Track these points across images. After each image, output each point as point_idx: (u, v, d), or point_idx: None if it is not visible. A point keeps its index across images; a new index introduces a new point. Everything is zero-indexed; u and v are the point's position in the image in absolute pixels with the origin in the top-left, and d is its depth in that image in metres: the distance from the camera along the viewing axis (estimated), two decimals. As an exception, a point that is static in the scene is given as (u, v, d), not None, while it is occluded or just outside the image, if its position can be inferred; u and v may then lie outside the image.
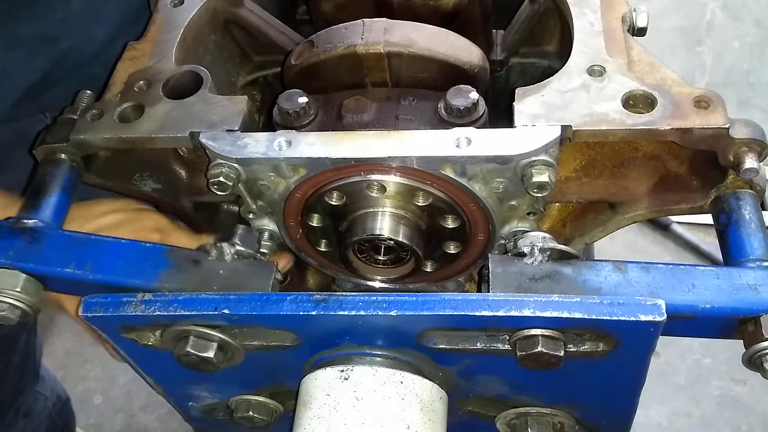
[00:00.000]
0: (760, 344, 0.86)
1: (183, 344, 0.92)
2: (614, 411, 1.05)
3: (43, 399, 2.03)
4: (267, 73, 1.32)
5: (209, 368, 0.94)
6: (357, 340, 0.93)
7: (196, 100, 1.06)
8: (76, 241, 1.04)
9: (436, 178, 0.97)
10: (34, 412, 1.99)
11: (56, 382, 2.17)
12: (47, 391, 2.06)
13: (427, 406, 0.94)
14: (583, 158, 1.07)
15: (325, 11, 1.23)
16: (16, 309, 1.01)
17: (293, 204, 1.04)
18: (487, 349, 0.91)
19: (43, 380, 2.04)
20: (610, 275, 0.91)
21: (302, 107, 1.03)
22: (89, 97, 1.19)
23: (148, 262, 1.01)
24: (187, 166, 1.18)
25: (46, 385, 2.06)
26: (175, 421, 2.67)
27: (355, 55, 1.05)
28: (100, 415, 2.82)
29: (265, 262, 1.02)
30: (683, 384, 2.72)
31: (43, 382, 2.04)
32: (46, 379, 2.07)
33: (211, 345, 0.93)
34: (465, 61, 1.07)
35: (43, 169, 1.11)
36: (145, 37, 1.21)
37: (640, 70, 1.02)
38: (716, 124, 0.93)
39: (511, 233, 1.04)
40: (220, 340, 0.93)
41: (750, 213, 0.96)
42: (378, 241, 1.03)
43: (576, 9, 1.10)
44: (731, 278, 0.89)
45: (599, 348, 0.88)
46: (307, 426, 0.92)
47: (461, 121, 0.99)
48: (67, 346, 3.00)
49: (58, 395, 2.14)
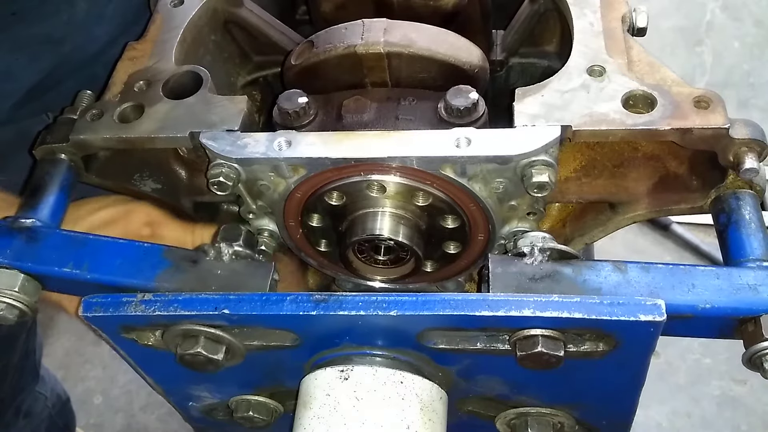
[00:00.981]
0: (760, 344, 0.86)
1: (190, 343, 0.92)
2: (614, 411, 1.05)
3: (43, 399, 2.03)
4: (267, 73, 1.32)
5: (210, 369, 0.95)
6: (357, 340, 0.93)
7: (196, 100, 1.06)
8: (74, 240, 1.04)
9: (436, 178, 0.97)
10: (33, 412, 1.99)
11: (56, 382, 2.17)
12: (47, 391, 2.06)
13: (427, 406, 0.94)
14: (583, 158, 1.07)
15: (324, 11, 1.23)
16: (14, 309, 1.01)
17: (293, 204, 1.04)
18: (487, 349, 0.91)
19: (43, 380, 2.04)
20: (610, 275, 0.91)
21: (302, 107, 1.03)
22: (89, 97, 1.19)
23: (145, 262, 1.01)
24: (187, 166, 1.18)
25: (46, 385, 2.06)
26: (175, 421, 2.67)
27: (355, 55, 1.05)
28: (100, 415, 2.82)
29: (263, 263, 1.02)
30: (683, 384, 2.72)
31: (43, 382, 2.04)
32: (46, 379, 2.07)
33: (220, 347, 0.93)
34: (465, 61, 1.07)
35: (42, 169, 1.11)
36: (145, 37, 1.21)
37: (640, 70, 1.02)
38: (716, 125, 0.93)
39: (511, 233, 1.04)
40: (228, 342, 0.93)
41: (750, 213, 0.96)
42: (378, 241, 1.03)
43: (576, 9, 1.10)
44: (731, 278, 0.89)
45: (599, 348, 0.88)
46: (307, 426, 0.92)
47: (461, 121, 0.99)
48: (67, 346, 3.00)
49: (58, 395, 2.14)
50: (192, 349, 0.92)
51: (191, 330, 0.91)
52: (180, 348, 0.93)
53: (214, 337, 0.93)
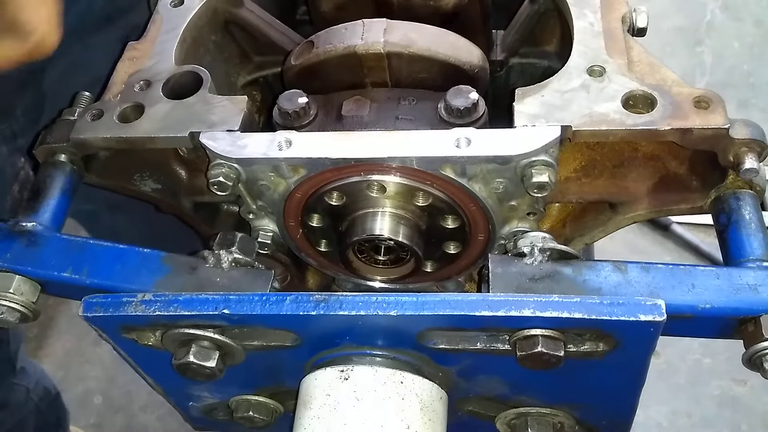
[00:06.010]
0: (760, 344, 0.86)
1: (182, 352, 0.92)
2: (614, 411, 1.05)
3: (24, 390, 2.00)
4: (267, 74, 1.32)
5: (204, 378, 0.95)
6: (357, 340, 0.93)
7: (196, 100, 1.06)
8: (73, 245, 1.05)
9: (436, 178, 0.97)
10: (12, 404, 1.96)
11: (43, 376, 2.14)
12: (30, 384, 2.02)
13: (427, 406, 0.94)
14: (583, 158, 1.07)
15: (324, 11, 1.23)
16: (15, 312, 1.01)
17: (293, 204, 1.04)
18: (487, 349, 0.91)
19: (24, 372, 2.00)
20: (610, 275, 0.91)
21: (302, 107, 1.03)
22: (87, 98, 1.19)
23: (145, 267, 1.01)
24: (187, 166, 1.18)
25: (29, 378, 2.02)
26: (175, 421, 2.65)
27: (355, 55, 1.05)
28: (100, 415, 2.82)
29: (263, 270, 1.02)
30: (683, 384, 2.71)
31: (25, 374, 2.00)
32: (29, 371, 2.03)
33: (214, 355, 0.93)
34: (465, 62, 1.07)
35: (44, 172, 1.11)
36: (145, 37, 1.21)
37: (640, 70, 1.02)
38: (716, 125, 0.93)
39: (511, 233, 1.04)
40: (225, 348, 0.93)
41: (750, 213, 0.96)
42: (378, 241, 1.03)
43: (576, 9, 1.10)
44: (731, 278, 0.89)
45: (599, 348, 0.88)
46: (307, 426, 0.92)
47: (461, 122, 0.99)
48: (67, 346, 2.99)
49: (45, 389, 2.11)
50: (184, 358, 0.92)
51: (188, 334, 0.91)
52: (175, 358, 0.93)
53: (209, 345, 0.92)
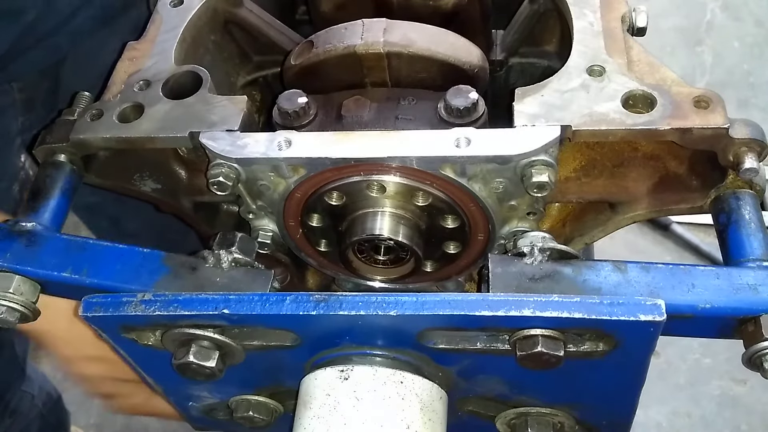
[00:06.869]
0: (760, 344, 0.86)
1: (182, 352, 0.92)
2: (614, 411, 1.05)
3: (30, 398, 2.01)
4: (267, 73, 1.32)
5: (204, 379, 0.95)
6: (357, 340, 0.93)
7: (196, 100, 1.06)
8: (73, 245, 1.04)
9: (436, 178, 0.97)
10: (20, 411, 1.96)
11: (45, 380, 2.15)
12: (34, 390, 2.03)
13: (427, 406, 0.94)
14: (582, 158, 1.07)
15: (324, 11, 1.23)
16: (15, 312, 1.01)
17: (293, 204, 1.04)
18: (487, 349, 0.91)
19: (29, 379, 2.01)
20: (610, 275, 0.91)
21: (302, 107, 1.03)
22: (87, 98, 1.19)
23: (144, 267, 1.01)
24: (187, 166, 1.18)
25: (33, 384, 2.04)
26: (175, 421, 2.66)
27: (355, 55, 1.05)
28: (100, 415, 2.81)
29: (262, 270, 1.02)
30: (683, 384, 2.71)
31: (30, 381, 2.02)
32: (32, 377, 2.04)
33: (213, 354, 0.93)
34: (465, 61, 1.07)
35: (44, 172, 1.11)
36: (145, 37, 1.21)
37: (640, 70, 1.02)
38: (716, 124, 0.93)
39: (511, 233, 1.04)
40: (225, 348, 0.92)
41: (750, 213, 0.96)
42: (378, 241, 1.03)
43: (575, 9, 1.10)
44: (731, 278, 0.89)
45: (599, 348, 0.88)
46: (307, 426, 0.92)
47: (461, 121, 0.99)
48: (67, 346, 2.99)
49: (48, 393, 2.11)
50: (184, 358, 0.92)
51: (188, 334, 0.91)
52: (174, 358, 0.93)
53: (209, 345, 0.92)
